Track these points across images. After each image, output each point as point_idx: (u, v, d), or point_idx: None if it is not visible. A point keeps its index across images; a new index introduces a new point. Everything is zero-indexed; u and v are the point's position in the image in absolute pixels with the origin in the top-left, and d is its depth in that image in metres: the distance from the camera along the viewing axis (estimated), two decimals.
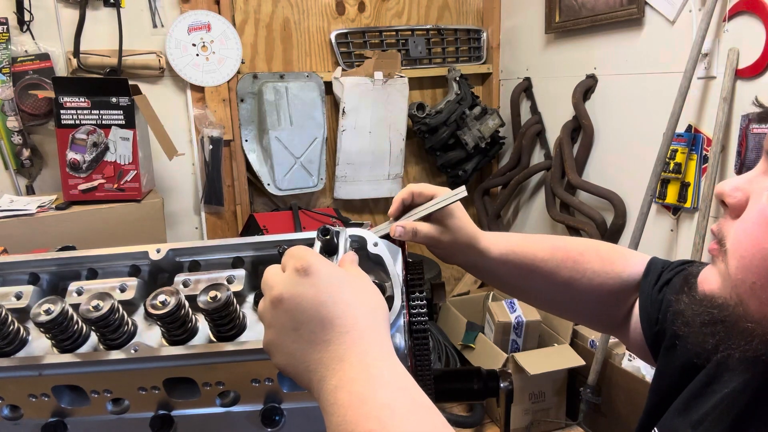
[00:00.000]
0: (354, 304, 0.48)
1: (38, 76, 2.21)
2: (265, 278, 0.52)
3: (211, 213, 2.63)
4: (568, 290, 0.78)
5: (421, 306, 0.61)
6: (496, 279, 0.79)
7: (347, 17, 2.79)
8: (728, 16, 1.82)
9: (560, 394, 2.39)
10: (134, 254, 0.65)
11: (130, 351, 0.56)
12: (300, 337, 0.48)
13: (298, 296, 0.48)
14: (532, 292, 0.81)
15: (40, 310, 0.56)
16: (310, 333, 0.47)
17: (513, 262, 0.77)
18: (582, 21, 2.40)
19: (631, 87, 2.25)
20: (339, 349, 0.47)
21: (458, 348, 2.57)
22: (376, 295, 0.52)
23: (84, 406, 0.60)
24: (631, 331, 0.81)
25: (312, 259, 0.49)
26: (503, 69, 3.05)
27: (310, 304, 0.47)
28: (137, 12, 2.37)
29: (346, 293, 0.48)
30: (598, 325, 0.86)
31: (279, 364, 0.50)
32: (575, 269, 0.77)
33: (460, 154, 2.89)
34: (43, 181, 2.32)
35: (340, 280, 0.49)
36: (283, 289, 0.49)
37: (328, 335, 0.47)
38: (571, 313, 0.87)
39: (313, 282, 0.48)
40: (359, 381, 0.45)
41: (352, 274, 0.52)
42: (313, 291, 0.48)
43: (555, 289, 0.78)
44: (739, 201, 0.54)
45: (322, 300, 0.47)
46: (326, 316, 0.47)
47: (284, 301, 0.48)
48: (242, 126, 2.60)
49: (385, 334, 0.49)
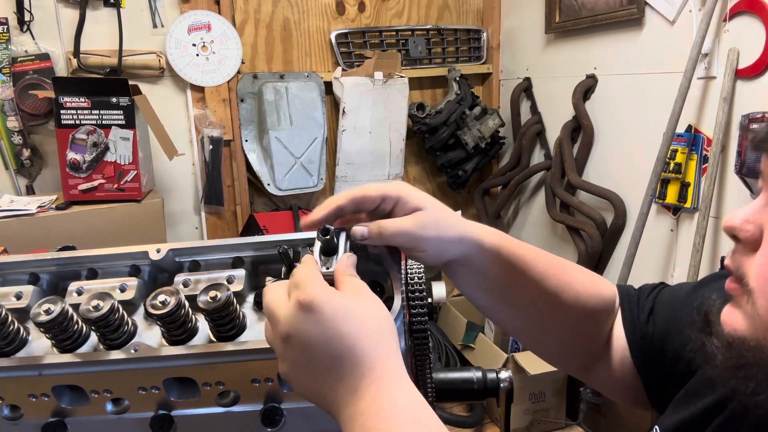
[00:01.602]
0: (360, 335, 0.48)
1: (38, 76, 2.21)
2: (268, 304, 0.52)
3: (211, 213, 2.63)
4: (555, 302, 0.69)
5: (421, 306, 0.60)
6: (483, 283, 0.67)
7: (347, 17, 2.79)
8: (728, 16, 1.82)
9: (560, 394, 2.39)
10: (134, 254, 0.65)
11: (130, 351, 0.56)
12: (313, 372, 0.49)
13: (305, 334, 0.48)
14: (519, 303, 0.70)
15: (40, 310, 0.56)
16: (322, 369, 0.48)
17: (505, 258, 0.65)
18: (582, 21, 2.40)
19: (631, 87, 2.25)
20: (351, 383, 0.47)
21: (458, 348, 2.57)
22: (379, 315, 0.50)
23: (84, 406, 0.60)
24: (614, 363, 0.74)
25: (315, 291, 0.49)
26: (503, 69, 3.05)
27: (318, 342, 0.48)
28: (137, 12, 2.37)
29: (351, 325, 0.48)
30: (579, 351, 0.76)
31: (298, 392, 0.51)
32: (562, 278, 0.70)
33: (460, 154, 2.89)
34: (43, 181, 2.32)
35: (344, 313, 0.48)
36: (289, 327, 0.49)
37: (339, 371, 0.48)
38: (553, 334, 0.74)
39: (317, 319, 0.48)
40: (370, 414, 0.46)
41: (354, 300, 0.50)
42: (319, 328, 0.48)
43: (543, 300, 0.69)
44: (753, 234, 0.52)
45: (328, 336, 0.48)
46: (335, 353, 0.48)
47: (292, 338, 0.49)
48: (242, 126, 2.60)
49: (394, 357, 0.49)
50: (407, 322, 0.59)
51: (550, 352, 0.77)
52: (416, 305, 0.60)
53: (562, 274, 0.70)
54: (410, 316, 0.60)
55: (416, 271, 0.63)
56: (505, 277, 0.66)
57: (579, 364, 0.77)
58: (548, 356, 0.78)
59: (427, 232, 0.59)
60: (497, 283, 0.67)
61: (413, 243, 0.59)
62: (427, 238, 0.59)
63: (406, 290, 0.60)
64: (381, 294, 0.61)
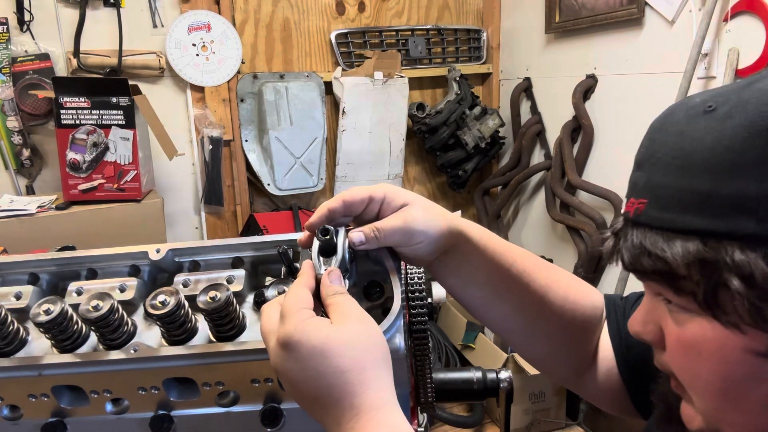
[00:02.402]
0: (337, 373, 0.48)
1: (38, 76, 2.21)
2: (262, 329, 0.53)
3: (211, 213, 2.63)
4: (544, 300, 0.69)
5: (421, 306, 0.60)
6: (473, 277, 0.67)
7: (347, 17, 2.79)
8: (728, 16, 1.82)
9: (560, 394, 2.39)
10: (134, 254, 0.65)
11: (130, 351, 0.56)
12: (302, 401, 0.51)
13: (287, 372, 0.49)
14: (509, 301, 0.69)
15: (39, 310, 0.56)
16: (309, 402, 0.50)
17: (492, 251, 0.65)
18: (582, 21, 2.40)
19: (631, 87, 2.25)
20: (334, 417, 0.48)
21: (458, 348, 2.57)
22: (364, 342, 0.50)
23: (84, 406, 0.60)
24: (601, 374, 0.74)
25: (294, 328, 0.49)
26: (503, 69, 3.05)
27: (299, 380, 0.49)
28: (137, 12, 2.37)
29: (329, 364, 0.48)
30: (568, 358, 0.75)
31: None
32: (549, 277, 0.69)
33: (460, 154, 2.89)
34: (43, 181, 2.32)
35: (321, 350, 0.48)
36: (274, 362, 0.51)
37: (322, 405, 0.49)
38: (543, 338, 0.73)
39: (296, 357, 0.49)
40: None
41: (335, 333, 0.49)
42: (299, 367, 0.49)
43: (531, 298, 0.68)
44: (656, 335, 0.54)
45: (307, 376, 0.48)
46: (314, 391, 0.49)
47: (279, 373, 0.51)
48: (242, 126, 2.60)
49: (377, 386, 0.49)
50: (407, 322, 0.59)
51: (540, 356, 0.77)
52: (416, 305, 0.60)
53: (549, 273, 0.70)
54: (410, 316, 0.60)
55: (416, 271, 0.63)
56: (493, 271, 0.66)
57: (568, 373, 0.77)
58: (538, 362, 0.78)
59: (417, 225, 0.59)
60: (486, 278, 0.67)
61: (407, 238, 0.59)
62: (418, 231, 0.59)
63: (406, 290, 0.60)
64: (381, 294, 0.61)
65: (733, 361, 0.47)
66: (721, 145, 0.45)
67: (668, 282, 0.49)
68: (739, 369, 0.47)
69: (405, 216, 0.59)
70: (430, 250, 0.62)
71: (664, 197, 0.48)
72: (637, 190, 0.53)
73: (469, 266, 0.66)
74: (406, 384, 0.56)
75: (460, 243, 0.64)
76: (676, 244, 0.47)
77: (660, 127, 0.52)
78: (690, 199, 0.46)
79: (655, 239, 0.49)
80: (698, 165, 0.46)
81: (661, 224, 0.48)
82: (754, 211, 0.43)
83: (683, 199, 0.47)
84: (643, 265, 0.50)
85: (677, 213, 0.47)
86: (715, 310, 0.47)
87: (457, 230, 0.63)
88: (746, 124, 0.44)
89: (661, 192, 0.49)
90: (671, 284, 0.49)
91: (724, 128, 0.45)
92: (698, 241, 0.46)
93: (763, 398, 0.48)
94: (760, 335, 0.45)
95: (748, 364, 0.47)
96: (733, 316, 0.46)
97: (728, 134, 0.45)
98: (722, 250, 0.44)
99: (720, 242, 0.45)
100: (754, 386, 0.48)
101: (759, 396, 0.48)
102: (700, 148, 0.46)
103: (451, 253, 0.64)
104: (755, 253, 0.43)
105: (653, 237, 0.49)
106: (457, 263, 0.65)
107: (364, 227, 0.58)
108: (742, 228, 0.43)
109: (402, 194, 0.61)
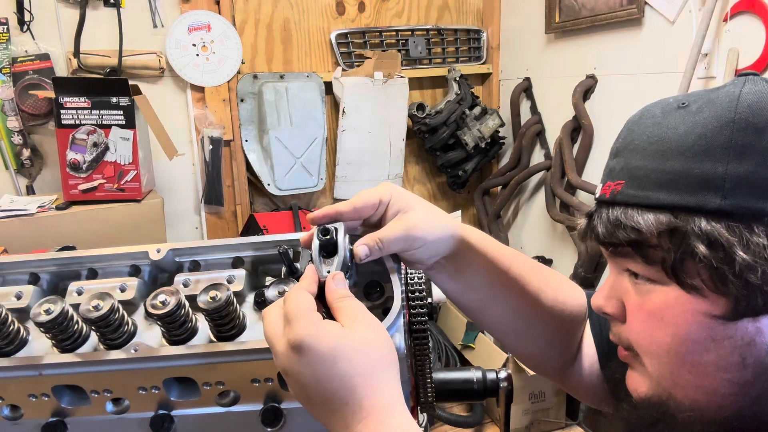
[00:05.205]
0: (348, 376, 0.49)
1: (38, 76, 2.21)
2: (266, 333, 0.53)
3: (211, 213, 2.63)
4: (537, 302, 0.71)
5: (421, 306, 0.61)
6: (472, 280, 0.68)
7: (347, 17, 2.79)
8: (728, 16, 1.82)
9: (560, 394, 2.39)
10: (134, 254, 0.65)
11: (130, 351, 0.57)
12: (310, 404, 0.51)
13: (298, 376, 0.50)
14: (504, 303, 0.71)
15: (40, 310, 0.56)
16: (317, 404, 0.51)
17: (491, 256, 0.67)
18: (582, 21, 2.40)
19: (631, 87, 2.25)
20: (344, 419, 0.49)
21: (458, 348, 2.57)
22: (373, 345, 0.51)
23: (84, 406, 0.60)
24: (584, 369, 0.78)
25: (303, 332, 0.49)
26: (503, 69, 3.05)
27: (309, 383, 0.50)
28: (137, 12, 2.36)
29: (340, 367, 0.49)
30: (555, 355, 0.78)
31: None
32: (542, 279, 0.71)
33: (460, 154, 2.89)
34: (43, 181, 2.32)
35: (333, 354, 0.49)
36: (283, 365, 0.51)
37: (332, 407, 0.50)
38: (534, 338, 0.76)
39: (307, 361, 0.49)
40: None
41: (345, 336, 0.50)
42: (310, 370, 0.49)
43: (525, 301, 0.70)
44: (618, 308, 0.60)
45: (318, 378, 0.49)
46: (325, 394, 0.49)
47: (288, 376, 0.51)
48: (242, 126, 2.60)
49: (388, 389, 0.50)
50: (407, 322, 0.59)
51: (531, 354, 0.80)
52: (416, 305, 0.61)
53: (541, 275, 0.72)
54: (410, 316, 0.61)
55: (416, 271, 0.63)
56: (491, 275, 0.68)
57: (554, 369, 0.81)
58: (528, 359, 0.81)
59: (418, 232, 0.60)
60: (484, 282, 0.68)
61: (408, 244, 0.60)
62: (419, 237, 0.60)
63: (406, 290, 0.61)
64: (381, 294, 0.61)
65: (693, 323, 0.53)
66: (693, 133, 0.52)
67: (640, 251, 0.55)
68: (697, 331, 0.53)
69: (406, 223, 0.60)
70: (429, 255, 0.63)
71: (640, 177, 0.55)
72: (613, 174, 0.59)
73: (468, 271, 0.67)
74: (406, 384, 0.56)
75: (461, 248, 0.65)
76: (649, 217, 0.53)
77: (638, 120, 0.59)
78: (664, 178, 0.53)
79: (631, 213, 0.54)
80: (673, 149, 0.53)
81: (636, 201, 0.55)
82: (720, 188, 0.50)
83: (658, 179, 0.53)
84: (618, 237, 0.55)
85: (652, 191, 0.53)
86: (681, 276, 0.52)
87: (458, 236, 0.64)
88: (716, 116, 0.51)
89: (637, 173, 0.55)
90: (642, 253, 0.54)
91: (696, 120, 0.53)
92: (669, 214, 0.52)
93: (716, 359, 0.53)
94: (718, 299, 0.51)
95: (706, 327, 0.52)
96: (696, 280, 0.52)
97: (700, 124, 0.52)
98: (691, 221, 0.51)
99: (689, 215, 0.51)
100: (710, 347, 0.53)
101: (713, 357, 0.53)
102: (674, 136, 0.53)
103: (451, 258, 0.65)
104: (719, 224, 0.50)
105: (629, 212, 0.55)
106: (456, 267, 0.66)
107: (367, 239, 0.59)
108: (710, 203, 0.50)
109: (404, 197, 0.62)
